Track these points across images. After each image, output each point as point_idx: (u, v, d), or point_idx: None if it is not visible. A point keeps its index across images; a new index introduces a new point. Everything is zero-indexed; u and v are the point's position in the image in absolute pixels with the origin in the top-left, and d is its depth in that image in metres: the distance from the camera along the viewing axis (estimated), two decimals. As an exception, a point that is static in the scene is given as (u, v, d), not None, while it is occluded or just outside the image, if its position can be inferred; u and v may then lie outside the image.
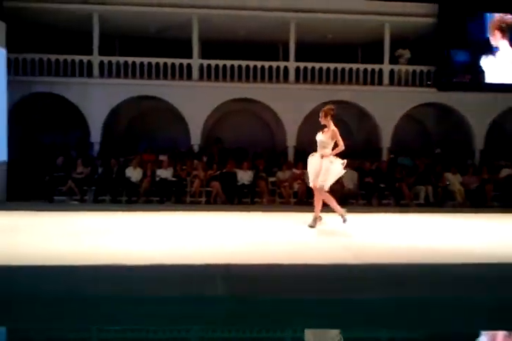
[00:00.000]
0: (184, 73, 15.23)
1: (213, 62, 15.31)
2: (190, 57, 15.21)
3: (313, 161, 6.22)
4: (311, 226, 6.24)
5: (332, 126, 6.12)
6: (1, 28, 11.70)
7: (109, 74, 15.05)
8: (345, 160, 6.19)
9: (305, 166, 12.60)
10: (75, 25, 15.03)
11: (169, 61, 15.20)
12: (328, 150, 6.09)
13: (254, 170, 12.47)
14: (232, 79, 15.31)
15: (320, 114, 6.20)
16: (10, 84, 12.30)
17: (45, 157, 13.41)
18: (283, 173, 12.67)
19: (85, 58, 14.95)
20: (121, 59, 15.22)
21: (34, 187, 12.04)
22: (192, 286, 3.90)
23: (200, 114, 15.10)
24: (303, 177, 12.52)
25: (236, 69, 15.31)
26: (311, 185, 6.29)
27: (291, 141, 15.29)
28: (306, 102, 14.88)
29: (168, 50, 15.95)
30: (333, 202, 6.23)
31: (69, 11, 14.43)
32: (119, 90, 14.85)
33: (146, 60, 15.16)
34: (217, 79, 15.31)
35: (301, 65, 15.36)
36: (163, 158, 13.19)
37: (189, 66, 15.23)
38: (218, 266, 4.06)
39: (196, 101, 14.85)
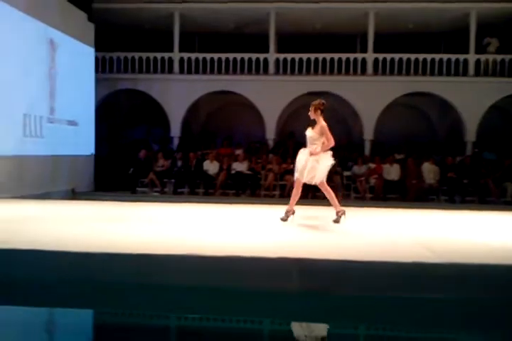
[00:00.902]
0: (260, 68, 15.36)
1: (289, 56, 15.30)
2: (266, 51, 15.31)
3: (300, 157, 6.02)
4: (283, 220, 6.08)
5: (322, 122, 5.97)
6: (89, 28, 12.44)
7: (189, 70, 15.52)
8: (331, 152, 6.02)
9: (382, 160, 12.48)
10: (157, 23, 15.64)
11: (246, 56, 15.40)
12: (317, 147, 5.91)
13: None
14: (308, 72, 15.23)
15: (310, 109, 6.04)
16: (97, 81, 13.04)
17: (128, 151, 14.14)
18: (359, 168, 12.43)
19: (166, 55, 15.52)
20: (201, 55, 15.63)
21: (119, 178, 12.77)
22: (266, 280, 3.95)
23: (276, 108, 15.17)
24: (380, 172, 12.21)
25: (312, 62, 15.20)
26: (295, 177, 6.11)
27: (368, 135, 14.94)
28: (384, 94, 14.48)
29: (245, 46, 16.16)
30: (333, 199, 6.06)
31: (152, 10, 15.04)
32: (198, 86, 15.28)
33: (223, 55, 15.46)
34: (293, 73, 15.29)
35: (380, 56, 14.93)
36: (238, 151, 13.43)
37: (265, 60, 15.33)
38: (294, 260, 4.07)
39: (272, 95, 14.93)
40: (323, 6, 14.47)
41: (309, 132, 6.01)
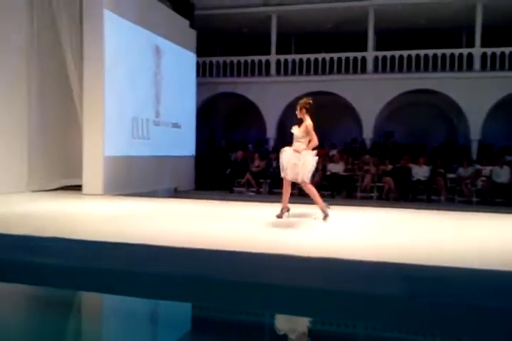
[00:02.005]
0: (358, 67, 15.06)
1: (388, 54, 14.84)
2: (364, 50, 14.98)
3: (283, 155, 6.10)
4: (279, 217, 6.10)
5: (307, 121, 5.94)
6: (191, 35, 13.02)
7: (285, 72, 15.66)
8: (315, 151, 6.01)
9: (490, 162, 11.63)
10: (254, 27, 15.98)
11: (343, 55, 15.19)
12: (302, 145, 5.90)
13: (431, 165, 11.74)
14: (408, 70, 14.65)
15: (296, 108, 6.04)
16: (198, 85, 13.61)
17: (226, 152, 14.58)
18: (465, 169, 11.69)
19: (264, 58, 15.79)
20: (297, 56, 15.70)
21: (217, 178, 13.21)
22: (364, 283, 3.87)
23: (374, 108, 14.78)
24: (489, 175, 11.40)
25: (414, 59, 14.60)
26: (281, 175, 6.14)
27: (474, 134, 14.03)
28: (492, 91, 13.50)
29: (342, 45, 15.95)
30: (316, 196, 6.00)
31: (250, 14, 15.39)
32: (295, 87, 15.34)
33: (320, 55, 15.39)
34: (392, 71, 14.81)
35: (488, 50, 13.95)
36: (334, 152, 13.26)
37: (363, 59, 15.01)
38: (394, 264, 3.93)
39: (370, 94, 14.58)
40: (426, 1, 13.85)
41: (295, 130, 6.05)
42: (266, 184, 12.58)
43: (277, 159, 12.62)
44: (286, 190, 6.13)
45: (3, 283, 4.52)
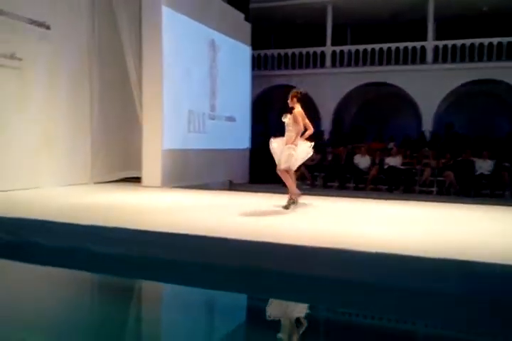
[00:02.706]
0: (417, 57, 14.57)
1: (450, 43, 14.24)
2: (423, 39, 14.46)
3: (273, 146, 6.27)
4: (286, 208, 6.23)
5: (297, 109, 6.14)
6: (246, 28, 13.03)
7: (341, 63, 15.39)
8: (312, 143, 6.18)
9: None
10: (309, 18, 15.78)
11: (401, 45, 14.73)
12: (292, 134, 6.06)
13: (495, 159, 11.20)
14: (471, 59, 14.01)
15: (288, 97, 6.24)
16: (253, 78, 13.63)
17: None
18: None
19: (318, 49, 15.59)
20: (353, 47, 15.39)
21: (271, 171, 13.20)
22: (423, 279, 3.78)
23: (433, 99, 14.27)
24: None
25: (476, 48, 13.94)
26: (282, 167, 6.20)
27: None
28: None
29: (400, 35, 15.47)
30: (292, 186, 6.26)
31: (305, 5, 15.21)
32: (350, 78, 15.07)
33: (376, 46, 15.00)
34: (453, 60, 14.21)
35: None
36: (392, 145, 12.93)
37: (423, 49, 14.50)
38: (454, 261, 3.81)
39: (429, 85, 14.08)
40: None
41: (285, 119, 6.20)
42: (320, 177, 12.47)
43: (332, 152, 12.55)
44: (290, 180, 6.25)
45: (69, 270, 4.75)
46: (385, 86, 14.93)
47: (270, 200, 7.72)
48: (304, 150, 6.19)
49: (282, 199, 6.67)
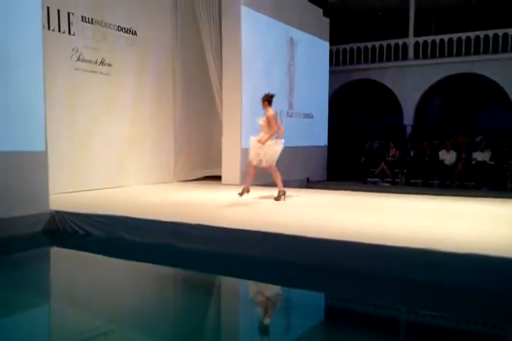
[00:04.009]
0: (509, 44, 13.62)
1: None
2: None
3: (252, 143, 6.84)
4: (276, 199, 6.90)
5: (268, 112, 6.72)
6: (325, 23, 12.88)
7: (424, 54, 14.77)
8: (282, 140, 6.91)
9: None
10: (390, 8, 15.28)
11: (491, 33, 13.84)
12: (264, 135, 6.71)
13: None
14: None
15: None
16: (331, 74, 13.46)
17: (360, 141, 14.28)
18: None
19: (400, 41, 15.06)
20: (437, 37, 14.70)
21: (350, 168, 13.03)
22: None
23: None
24: None
25: None
26: (254, 163, 6.87)
27: None
28: None
29: (488, 22, 14.53)
30: (278, 180, 6.99)
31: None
32: (435, 70, 14.43)
33: (463, 35, 14.22)
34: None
35: None
36: (480, 139, 12.23)
37: (515, 36, 13.53)
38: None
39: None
40: None
41: (259, 120, 6.83)
42: (402, 174, 12.08)
43: (415, 148, 12.10)
44: (251, 173, 7.02)
45: (150, 264, 5.02)
46: (472, 77, 14.12)
47: (347, 197, 7.63)
48: (276, 150, 6.85)
49: (359, 196, 6.54)
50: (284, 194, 7.00)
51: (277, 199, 6.93)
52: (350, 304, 4.06)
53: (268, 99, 6.85)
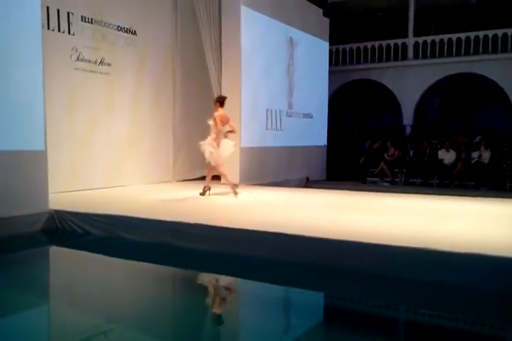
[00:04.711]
0: (508, 44, 13.62)
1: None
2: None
3: (203, 143, 7.10)
4: (201, 194, 7.23)
5: (218, 112, 7.06)
6: (324, 23, 12.89)
7: (424, 54, 14.78)
8: (234, 142, 7.27)
9: None
10: (390, 9, 15.29)
11: (490, 33, 13.84)
12: (213, 134, 7.02)
13: None
14: None
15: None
16: (330, 74, 13.47)
17: (359, 141, 14.29)
18: None
19: (400, 41, 15.07)
20: (437, 37, 14.71)
21: (349, 168, 13.03)
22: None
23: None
24: None
25: None
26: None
27: None
28: None
29: (489, 22, 14.54)
30: (227, 179, 7.32)
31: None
32: (434, 70, 14.44)
33: (463, 35, 14.22)
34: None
35: None
36: (478, 139, 12.23)
37: (515, 36, 13.53)
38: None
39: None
40: None
41: (209, 121, 7.14)
42: (402, 174, 12.09)
43: (414, 148, 12.11)
44: (210, 173, 7.39)
45: (149, 263, 5.02)
46: (472, 77, 14.12)
47: (346, 197, 7.63)
48: (227, 148, 7.11)
49: (358, 196, 6.54)
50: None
51: (235, 193, 7.18)
52: (348, 303, 4.07)
53: (220, 101, 7.19)
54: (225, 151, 7.09)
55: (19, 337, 3.14)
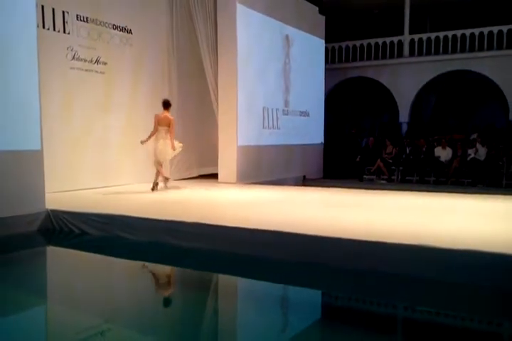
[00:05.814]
0: (504, 41, 13.64)
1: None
2: (510, 22, 13.51)
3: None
4: (152, 189, 7.69)
5: (157, 113, 7.63)
6: (320, 21, 12.89)
7: (420, 52, 14.79)
8: (181, 144, 7.96)
9: None
10: (386, 6, 15.28)
11: (486, 30, 13.86)
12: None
13: None
14: None
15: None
16: (326, 72, 13.47)
17: (355, 139, 14.29)
18: None
19: (395, 39, 15.08)
20: (433, 35, 14.72)
21: (346, 166, 13.04)
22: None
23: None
24: None
25: None
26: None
27: None
28: None
29: (485, 18, 14.56)
30: (157, 175, 7.82)
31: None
32: (430, 67, 14.45)
33: (458, 32, 14.23)
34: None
35: None
36: (475, 136, 12.27)
37: (510, 32, 13.54)
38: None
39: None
40: None
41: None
42: (398, 171, 12.11)
43: (411, 145, 12.12)
44: (161, 170, 7.86)
45: (146, 262, 5.02)
46: (468, 74, 14.14)
47: (343, 195, 7.64)
48: (158, 149, 7.61)
49: (355, 193, 6.53)
50: (157, 184, 7.79)
51: (153, 189, 7.69)
52: (345, 301, 4.08)
53: (164, 103, 7.74)
54: (161, 151, 7.62)
55: (15, 336, 3.13)
